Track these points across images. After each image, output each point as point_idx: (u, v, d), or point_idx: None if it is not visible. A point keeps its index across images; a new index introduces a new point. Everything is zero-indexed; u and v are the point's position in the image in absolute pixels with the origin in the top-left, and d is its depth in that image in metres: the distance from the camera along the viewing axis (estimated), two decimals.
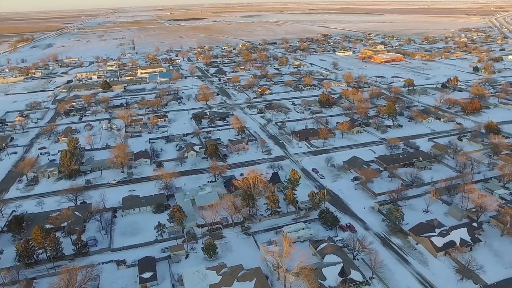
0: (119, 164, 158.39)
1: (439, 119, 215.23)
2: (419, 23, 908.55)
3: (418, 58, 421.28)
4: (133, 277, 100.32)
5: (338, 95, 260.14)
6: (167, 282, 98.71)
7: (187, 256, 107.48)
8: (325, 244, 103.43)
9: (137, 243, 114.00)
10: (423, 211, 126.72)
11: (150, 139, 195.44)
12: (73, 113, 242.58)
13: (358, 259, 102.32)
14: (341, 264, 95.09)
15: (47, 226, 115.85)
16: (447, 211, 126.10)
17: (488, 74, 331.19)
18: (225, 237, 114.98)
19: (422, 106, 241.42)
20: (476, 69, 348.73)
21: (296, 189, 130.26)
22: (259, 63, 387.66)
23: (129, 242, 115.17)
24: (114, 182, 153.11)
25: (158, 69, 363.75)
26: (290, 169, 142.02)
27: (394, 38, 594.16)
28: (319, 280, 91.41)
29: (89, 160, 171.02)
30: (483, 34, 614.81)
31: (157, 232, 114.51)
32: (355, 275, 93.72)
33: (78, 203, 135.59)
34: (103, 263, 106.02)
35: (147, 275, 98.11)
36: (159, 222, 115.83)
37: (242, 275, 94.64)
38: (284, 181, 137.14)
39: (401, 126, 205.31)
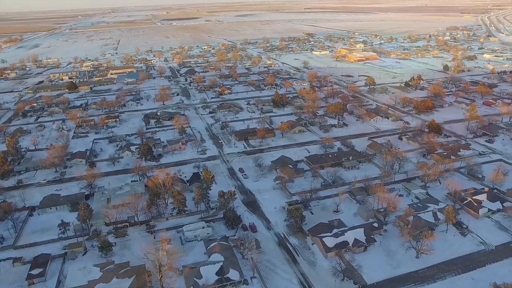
0: (50, 164, 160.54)
1: (388, 118, 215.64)
2: (409, 21, 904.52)
3: (393, 57, 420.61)
4: (25, 273, 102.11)
5: (295, 95, 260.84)
6: (55, 278, 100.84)
7: (84, 253, 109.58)
8: (214, 243, 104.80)
9: (42, 240, 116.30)
10: (333, 211, 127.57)
11: (94, 139, 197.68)
12: (30, 113, 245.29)
13: (247, 259, 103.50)
14: (221, 263, 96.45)
15: None
16: (356, 211, 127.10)
17: (456, 72, 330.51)
18: (128, 235, 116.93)
19: (376, 104, 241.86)
20: (446, 68, 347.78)
21: (210, 188, 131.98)
22: (231, 63, 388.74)
23: (35, 239, 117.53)
24: (44, 181, 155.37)
25: (129, 70, 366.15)
26: (216, 169, 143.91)
27: (377, 37, 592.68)
28: (194, 279, 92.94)
29: (25, 160, 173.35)
30: (468, 33, 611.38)
31: (59, 230, 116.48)
32: (233, 274, 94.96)
33: None
34: (0, 260, 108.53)
35: (36, 271, 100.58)
36: (62, 220, 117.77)
37: (124, 272, 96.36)
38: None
39: (347, 125, 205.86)
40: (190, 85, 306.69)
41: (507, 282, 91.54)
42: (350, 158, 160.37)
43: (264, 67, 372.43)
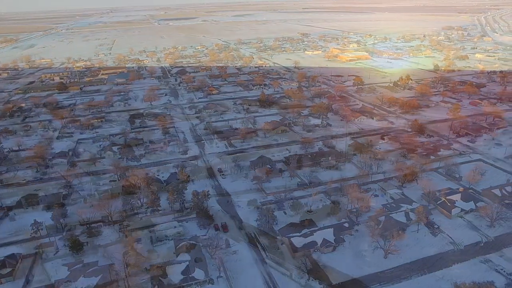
0: (32, 164, 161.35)
1: (373, 118, 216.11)
2: (406, 21, 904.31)
3: (385, 56, 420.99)
4: None
5: (282, 95, 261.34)
6: (24, 278, 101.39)
7: (56, 253, 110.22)
8: (183, 243, 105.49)
9: (15, 240, 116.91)
10: (307, 211, 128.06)
11: (78, 139, 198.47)
12: (17, 114, 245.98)
13: (215, 258, 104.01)
14: (187, 263, 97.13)
15: None
16: (329, 211, 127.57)
17: (446, 72, 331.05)
18: (101, 234, 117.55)
19: (362, 104, 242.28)
20: (436, 67, 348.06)
21: (186, 188, 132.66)
22: (223, 63, 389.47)
23: (9, 239, 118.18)
24: (24, 181, 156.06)
25: (120, 70, 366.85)
26: (195, 169, 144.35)
27: (372, 37, 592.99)
28: (159, 278, 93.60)
29: (8, 160, 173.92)
30: (462, 33, 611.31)
31: (32, 229, 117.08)
32: (198, 273, 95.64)
33: None
34: None
35: (4, 271, 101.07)
36: (35, 220, 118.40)
37: (91, 271, 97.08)
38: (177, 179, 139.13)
39: (330, 125, 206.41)
40: (179, 86, 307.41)
41: (471, 281, 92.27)
42: (329, 158, 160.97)
43: (255, 67, 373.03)
